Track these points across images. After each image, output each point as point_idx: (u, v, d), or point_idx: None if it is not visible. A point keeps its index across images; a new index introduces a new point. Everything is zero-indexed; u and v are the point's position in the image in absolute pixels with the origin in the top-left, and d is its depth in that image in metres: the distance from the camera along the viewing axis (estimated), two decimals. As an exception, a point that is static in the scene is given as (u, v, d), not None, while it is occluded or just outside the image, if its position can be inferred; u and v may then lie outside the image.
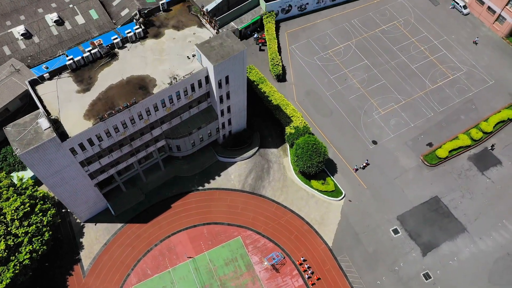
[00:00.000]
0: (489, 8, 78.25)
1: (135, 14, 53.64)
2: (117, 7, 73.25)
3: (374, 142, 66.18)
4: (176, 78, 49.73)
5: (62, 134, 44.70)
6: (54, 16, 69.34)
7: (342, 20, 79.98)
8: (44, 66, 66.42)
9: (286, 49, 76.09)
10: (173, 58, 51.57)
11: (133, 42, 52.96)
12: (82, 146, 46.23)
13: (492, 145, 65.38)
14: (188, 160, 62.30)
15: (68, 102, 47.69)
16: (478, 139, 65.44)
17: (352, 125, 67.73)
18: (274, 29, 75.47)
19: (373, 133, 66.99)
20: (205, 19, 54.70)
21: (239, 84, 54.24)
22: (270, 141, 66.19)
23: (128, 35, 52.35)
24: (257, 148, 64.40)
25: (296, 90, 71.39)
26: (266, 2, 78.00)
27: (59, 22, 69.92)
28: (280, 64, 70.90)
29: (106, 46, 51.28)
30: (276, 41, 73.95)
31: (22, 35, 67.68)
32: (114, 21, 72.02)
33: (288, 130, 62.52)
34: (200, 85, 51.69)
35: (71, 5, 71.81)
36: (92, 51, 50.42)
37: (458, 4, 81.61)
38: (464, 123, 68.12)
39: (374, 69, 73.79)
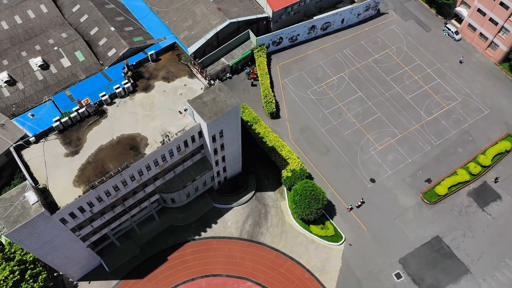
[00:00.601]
0: (481, 34, 77.66)
1: (124, 68, 51.67)
2: (104, 47, 71.13)
3: (372, 180, 65.00)
4: (168, 136, 47.96)
5: (51, 205, 42.69)
6: (38, 60, 67.03)
7: (334, 50, 78.77)
8: (29, 114, 64.19)
9: (278, 83, 74.64)
10: (164, 114, 49.79)
11: (122, 97, 51.01)
12: (72, 215, 44.24)
13: (496, 178, 64.61)
14: (183, 209, 60.47)
15: (56, 168, 45.66)
16: (476, 173, 64.64)
17: (349, 162, 66.49)
18: (266, 63, 74.00)
19: (370, 171, 65.81)
20: (195, 68, 53.00)
21: (233, 136, 52.63)
22: (266, 183, 64.66)
23: (117, 90, 50.38)
24: (253, 192, 62.80)
25: (290, 127, 69.96)
26: (256, 36, 76.60)
27: (44, 66, 67.64)
28: (274, 101, 69.44)
29: (94, 104, 49.28)
30: (268, 76, 72.46)
31: (5, 82, 65.32)
32: (101, 62, 69.92)
33: (285, 173, 61.05)
34: (193, 140, 49.98)
35: (55, 48, 69.52)
36: (80, 111, 48.38)
37: (450, 30, 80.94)
38: (462, 156, 67.30)
39: (368, 101, 72.68)
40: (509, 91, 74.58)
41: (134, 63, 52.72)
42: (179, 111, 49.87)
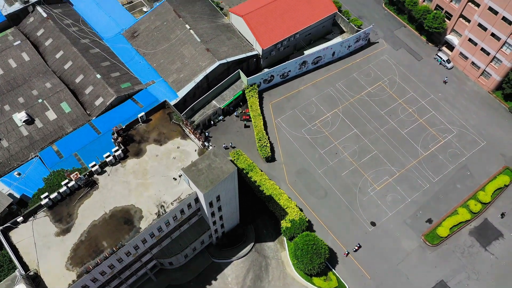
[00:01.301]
0: (473, 63, 77.05)
1: (113, 133, 49.55)
2: (90, 96, 68.82)
3: (373, 224, 63.78)
4: (163, 206, 46.08)
5: (43, 294, 40.59)
6: (22, 116, 64.46)
7: (326, 85, 77.44)
8: (16, 173, 61.75)
9: (272, 123, 73.05)
10: (158, 181, 47.86)
11: (113, 164, 48.95)
12: (66, 300, 42.13)
13: (502, 214, 63.96)
14: (181, 267, 58.54)
15: (47, 249, 43.46)
16: (477, 211, 63.87)
17: (348, 205, 65.19)
18: (258, 103, 72.39)
19: (370, 213, 64.60)
20: (188, 128, 51.14)
21: (230, 197, 50.92)
22: (265, 233, 63.02)
23: (108, 159, 48.26)
24: (252, 243, 61.14)
25: (286, 170, 68.44)
26: (247, 73, 74.96)
27: (29, 121, 65.15)
28: (268, 144, 67.84)
29: (84, 175, 47.10)
30: (261, 117, 70.83)
31: (-11, 140, 62.82)
32: (88, 112, 67.64)
33: (284, 224, 59.50)
34: (189, 206, 48.17)
35: (40, 100, 67.02)
36: (70, 185, 46.19)
37: (441, 58, 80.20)
38: (461, 192, 66.48)
39: (364, 138, 71.49)
40: (504, 120, 74.09)
41: (123, 127, 50.58)
42: (174, 178, 48.00)
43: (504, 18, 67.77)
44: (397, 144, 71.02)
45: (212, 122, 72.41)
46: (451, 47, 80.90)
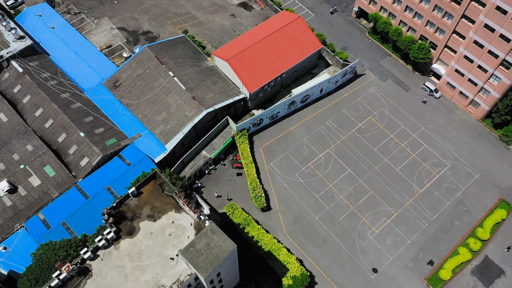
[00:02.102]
0: (461, 92, 76.90)
1: (103, 214, 47.22)
2: (75, 155, 66.14)
3: (375, 270, 62.83)
4: (162, 291, 44.11)
5: None
6: (4, 186, 61.36)
7: (316, 123, 76.22)
8: (1, 247, 58.79)
9: (264, 168, 71.49)
10: (155, 262, 45.82)
11: (105, 248, 46.67)
12: None
13: (508, 247, 63.75)
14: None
15: None
16: (477, 250, 63.52)
17: (348, 252, 64.09)
18: (249, 149, 70.74)
19: (371, 259, 63.64)
20: (181, 200, 49.19)
21: (231, 267, 49.15)
22: (267, 290, 61.59)
23: (100, 243, 45.96)
24: (254, 303, 59.63)
25: (283, 218, 66.97)
26: (235, 118, 73.29)
27: (12, 190, 62.15)
28: (263, 195, 66.22)
29: (76, 265, 44.70)
30: (253, 164, 69.17)
31: (-30, 214, 59.65)
32: (74, 174, 64.91)
33: (286, 281, 58.00)
34: (189, 286, 46.22)
35: (22, 166, 64.02)
36: (61, 277, 43.77)
37: (429, 88, 79.85)
38: (460, 229, 66.07)
39: (359, 178, 70.52)
40: (495, 149, 74.10)
41: (114, 204, 48.32)
42: (171, 258, 46.02)
43: (490, 52, 67.66)
44: (392, 182, 70.27)
45: (206, 171, 70.55)
46: (438, 75, 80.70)
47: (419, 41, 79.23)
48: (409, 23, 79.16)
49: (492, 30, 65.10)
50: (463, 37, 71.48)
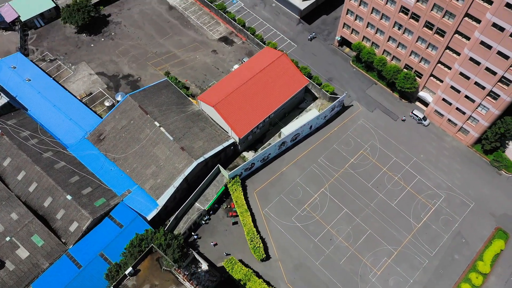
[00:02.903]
0: (449, 120, 76.93)
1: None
2: (63, 221, 63.48)
3: (380, 315, 62.28)
4: None
5: None
6: (-10, 262, 58.60)
7: (308, 162, 75.15)
8: (-8, 329, 55.99)
9: (260, 214, 70.04)
10: None
11: (106, 336, 44.59)
12: None
13: None
14: None
15: None
16: (480, 285, 63.46)
17: (352, 297, 63.37)
18: (243, 196, 69.17)
19: (375, 303, 63.05)
20: (181, 275, 47.40)
21: None
22: None
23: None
24: None
25: (283, 267, 65.65)
26: (225, 163, 71.69)
27: (-1, 265, 59.33)
28: (261, 245, 64.73)
29: None
30: (248, 213, 67.56)
31: (-44, 297, 56.57)
32: (63, 241, 62.30)
33: (292, 338, 56.82)
34: None
35: (8, 238, 61.00)
36: None
37: (417, 116, 79.71)
38: (460, 263, 65.94)
39: (356, 218, 69.74)
40: (487, 175, 74.37)
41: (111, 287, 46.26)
42: None
43: (476, 83, 67.73)
44: (389, 218, 69.72)
45: (201, 222, 68.78)
46: (425, 101, 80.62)
47: (405, 70, 79.05)
48: (393, 53, 78.86)
49: (478, 63, 65.12)
50: (449, 68, 71.49)
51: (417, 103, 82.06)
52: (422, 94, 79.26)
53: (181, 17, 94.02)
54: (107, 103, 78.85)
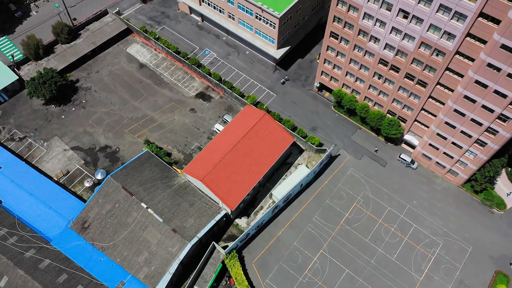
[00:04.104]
0: (437, 162, 76.92)
1: None
2: (56, 328, 59.60)
3: None
4: None
5: None
6: None
7: (303, 222, 73.48)
8: None
9: (261, 287, 67.91)
10: None
11: None
12: None
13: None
14: None
15: None
16: (488, 336, 63.60)
17: None
18: (241, 271, 66.80)
19: None
20: None
21: None
22: None
23: None
24: None
25: None
26: (219, 234, 69.24)
27: None
28: (267, 324, 62.85)
29: None
30: (250, 289, 65.59)
31: None
32: None
33: None
34: None
35: None
36: None
37: (405, 161, 79.43)
38: (467, 314, 66.03)
39: (358, 278, 68.59)
40: (481, 215, 74.73)
41: None
42: None
43: (463, 132, 67.73)
44: (391, 275, 68.93)
45: (200, 305, 66.17)
46: (411, 143, 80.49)
47: (388, 115, 78.57)
48: (375, 100, 78.23)
49: (463, 114, 65.06)
50: (434, 115, 71.31)
51: (403, 145, 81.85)
52: (408, 137, 78.99)
53: (153, 75, 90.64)
54: (87, 184, 74.79)
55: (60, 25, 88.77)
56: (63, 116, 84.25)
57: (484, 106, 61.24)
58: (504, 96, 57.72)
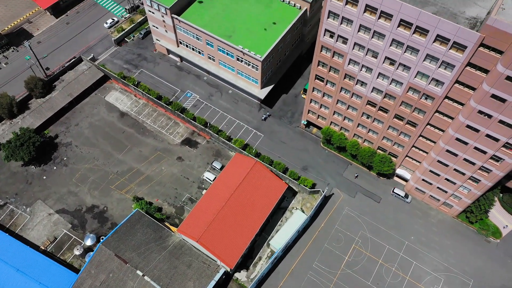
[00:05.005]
0: (431, 196, 76.86)
1: None
2: None
3: None
4: None
5: None
6: None
7: (303, 270, 72.15)
8: None
9: None
10: None
11: None
12: None
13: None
14: None
15: None
16: None
17: None
18: (247, 331, 65.26)
19: None
20: None
21: None
22: None
23: None
24: None
25: None
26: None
27: None
28: None
29: None
30: None
31: None
32: None
33: None
34: None
35: None
36: None
37: (399, 195, 79.11)
38: None
39: (364, 324, 68.00)
40: (478, 246, 74.93)
41: None
42: None
43: (456, 170, 67.66)
44: (397, 318, 68.57)
45: None
46: (403, 177, 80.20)
47: (379, 151, 78.08)
48: (364, 137, 77.60)
49: (455, 154, 64.93)
50: (425, 151, 71.10)
51: (396, 178, 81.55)
52: (400, 171, 78.71)
53: (136, 123, 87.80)
54: (76, 252, 71.59)
55: (33, 79, 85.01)
56: (44, 177, 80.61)
57: (476, 148, 61.18)
58: (496, 139, 57.72)
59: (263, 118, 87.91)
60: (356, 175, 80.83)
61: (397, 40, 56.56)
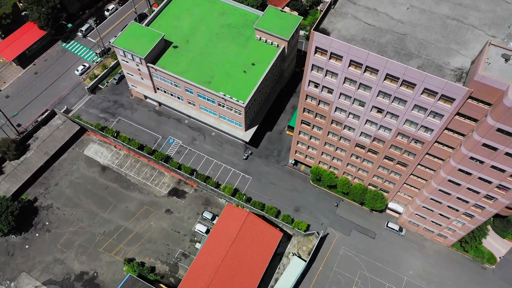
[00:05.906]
0: (425, 228, 76.99)
1: None
2: None
3: None
4: None
5: None
6: None
7: (307, 318, 71.33)
8: None
9: None
10: None
11: None
12: None
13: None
14: None
15: None
16: None
17: None
18: None
19: None
20: None
21: None
22: None
23: None
24: None
25: None
26: None
27: None
28: None
29: None
30: None
31: None
32: None
33: None
34: None
35: None
36: None
37: (393, 229, 78.96)
38: None
39: None
40: (475, 274, 75.51)
41: None
42: None
43: (449, 206, 67.79)
44: None
45: None
46: (396, 210, 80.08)
47: (370, 187, 77.66)
48: (354, 175, 77.06)
49: (448, 193, 64.95)
50: (417, 188, 70.99)
51: (388, 211, 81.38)
52: (392, 206, 78.58)
53: (118, 177, 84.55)
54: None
55: (6, 142, 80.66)
56: (27, 246, 76.50)
57: (469, 189, 61.33)
58: (489, 182, 57.94)
59: (244, 157, 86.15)
60: (335, 203, 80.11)
61: (384, 92, 55.98)
